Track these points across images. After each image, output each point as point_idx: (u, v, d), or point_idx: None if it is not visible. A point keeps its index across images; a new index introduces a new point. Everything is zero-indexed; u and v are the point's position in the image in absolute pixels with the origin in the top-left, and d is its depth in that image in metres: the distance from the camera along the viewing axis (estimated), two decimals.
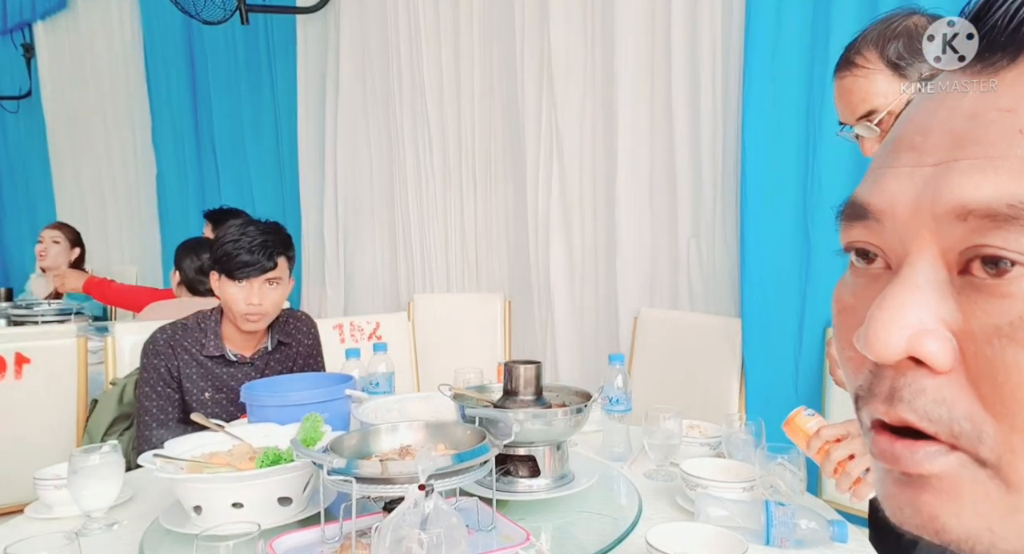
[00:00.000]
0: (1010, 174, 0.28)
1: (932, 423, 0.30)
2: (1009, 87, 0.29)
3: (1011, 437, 0.28)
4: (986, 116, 0.29)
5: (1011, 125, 0.28)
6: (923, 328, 0.30)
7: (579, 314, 2.50)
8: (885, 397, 0.31)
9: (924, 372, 0.30)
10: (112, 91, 4.44)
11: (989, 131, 0.29)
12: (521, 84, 2.50)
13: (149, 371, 1.66)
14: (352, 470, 0.91)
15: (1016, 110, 0.28)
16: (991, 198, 0.28)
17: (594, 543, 1.03)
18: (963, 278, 0.30)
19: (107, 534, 1.12)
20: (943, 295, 0.30)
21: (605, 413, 1.48)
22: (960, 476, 0.30)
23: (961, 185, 0.29)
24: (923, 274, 0.30)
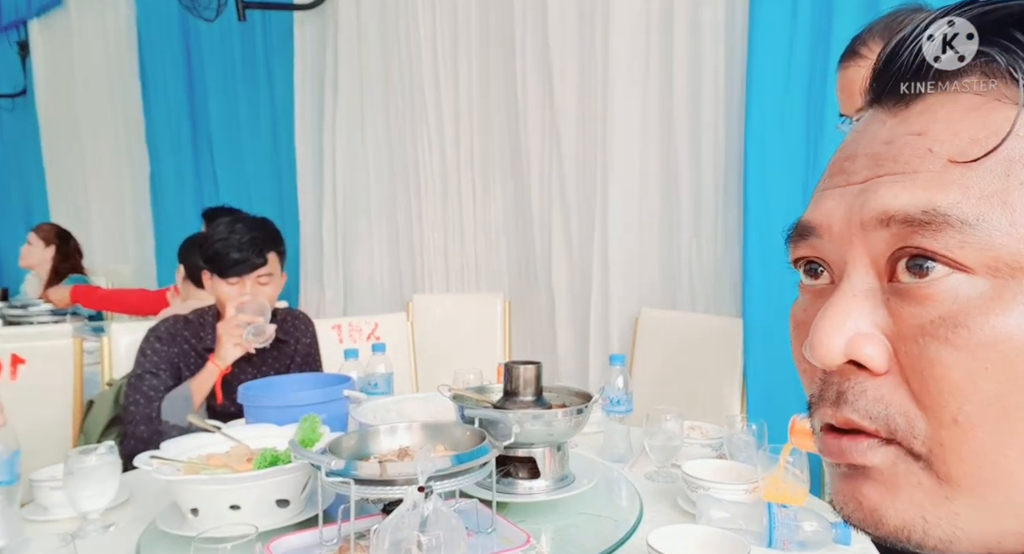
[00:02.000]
0: (924, 185, 0.32)
1: (872, 421, 0.33)
2: (918, 116, 0.34)
3: (939, 431, 0.31)
4: (900, 140, 0.34)
5: (922, 146, 0.33)
6: (860, 333, 0.33)
7: (579, 314, 2.49)
8: (833, 401, 0.34)
9: (865, 375, 0.33)
10: (106, 89, 4.43)
11: (904, 151, 0.33)
12: (521, 83, 2.49)
13: (149, 353, 1.67)
14: (351, 472, 0.90)
15: (925, 133, 0.33)
16: (908, 205, 0.32)
17: (595, 545, 1.02)
18: (891, 285, 0.33)
19: (103, 536, 1.11)
20: (876, 302, 0.34)
21: (606, 414, 1.47)
22: (896, 467, 0.33)
23: (882, 195, 0.33)
24: (858, 284, 0.34)
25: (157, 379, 1.62)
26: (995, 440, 0.30)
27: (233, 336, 1.63)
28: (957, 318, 0.31)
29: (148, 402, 1.59)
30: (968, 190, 0.31)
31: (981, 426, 0.30)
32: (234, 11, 2.94)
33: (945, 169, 0.32)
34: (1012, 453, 0.30)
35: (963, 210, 0.31)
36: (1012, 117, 0.31)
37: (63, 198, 5.02)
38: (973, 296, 0.31)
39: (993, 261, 0.30)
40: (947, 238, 0.31)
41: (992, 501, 0.31)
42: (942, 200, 0.31)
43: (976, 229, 0.30)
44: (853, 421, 0.34)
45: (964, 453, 0.31)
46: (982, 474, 0.31)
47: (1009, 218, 0.30)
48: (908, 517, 0.32)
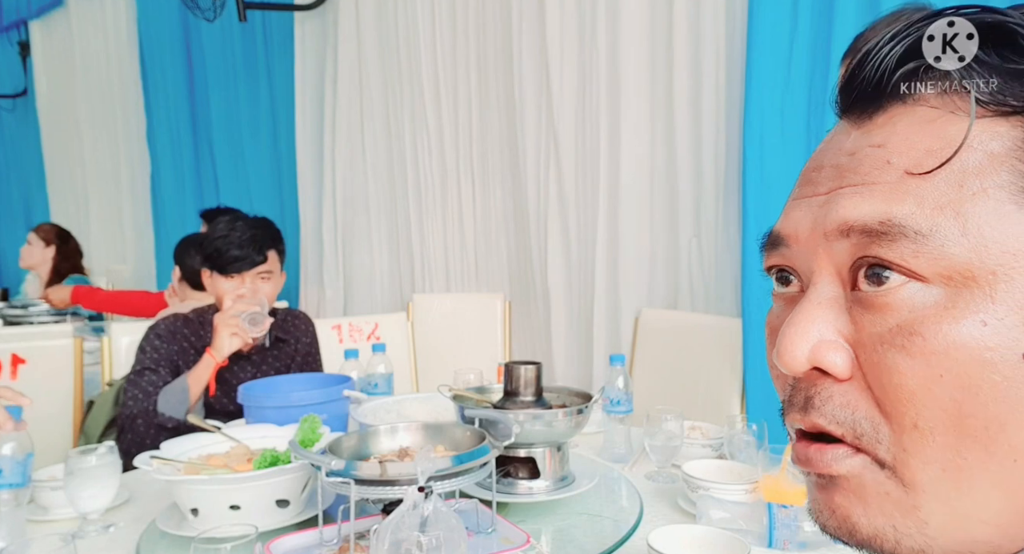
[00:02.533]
0: (882, 197, 0.33)
1: (839, 426, 0.34)
2: (880, 128, 0.35)
3: (901, 436, 0.32)
4: (862, 152, 0.35)
5: (881, 158, 0.34)
6: (824, 340, 0.34)
7: (580, 315, 2.49)
8: (801, 406, 0.36)
9: (831, 381, 0.35)
10: (107, 90, 4.43)
11: (864, 163, 0.34)
12: (519, 82, 2.49)
13: (148, 350, 1.67)
14: (351, 472, 0.90)
15: (885, 145, 0.34)
16: (866, 216, 0.33)
17: (595, 545, 1.02)
18: (854, 293, 0.34)
19: (103, 536, 1.11)
20: (840, 310, 0.35)
21: (606, 414, 1.47)
22: (863, 477, 0.33)
23: (843, 207, 0.34)
24: (823, 292, 0.35)
25: (156, 375, 1.62)
26: (954, 444, 0.31)
27: (229, 325, 1.61)
28: (912, 326, 0.32)
29: (146, 397, 1.59)
30: (923, 201, 0.32)
31: (940, 431, 0.31)
32: (234, 11, 2.94)
33: (902, 181, 0.33)
34: (971, 456, 0.31)
35: (917, 221, 0.32)
36: (966, 129, 0.32)
37: (63, 198, 5.03)
38: (928, 304, 0.32)
39: (946, 270, 0.31)
40: (902, 248, 0.32)
41: (957, 507, 0.32)
42: (898, 211, 0.32)
43: (930, 239, 0.31)
44: (820, 425, 0.35)
45: (926, 457, 0.32)
46: (945, 478, 0.31)
47: (961, 228, 0.31)
48: (879, 525, 0.33)
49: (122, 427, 1.58)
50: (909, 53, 0.34)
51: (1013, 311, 0.30)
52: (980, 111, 0.32)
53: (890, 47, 0.34)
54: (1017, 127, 0.32)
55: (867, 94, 0.36)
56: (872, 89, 0.35)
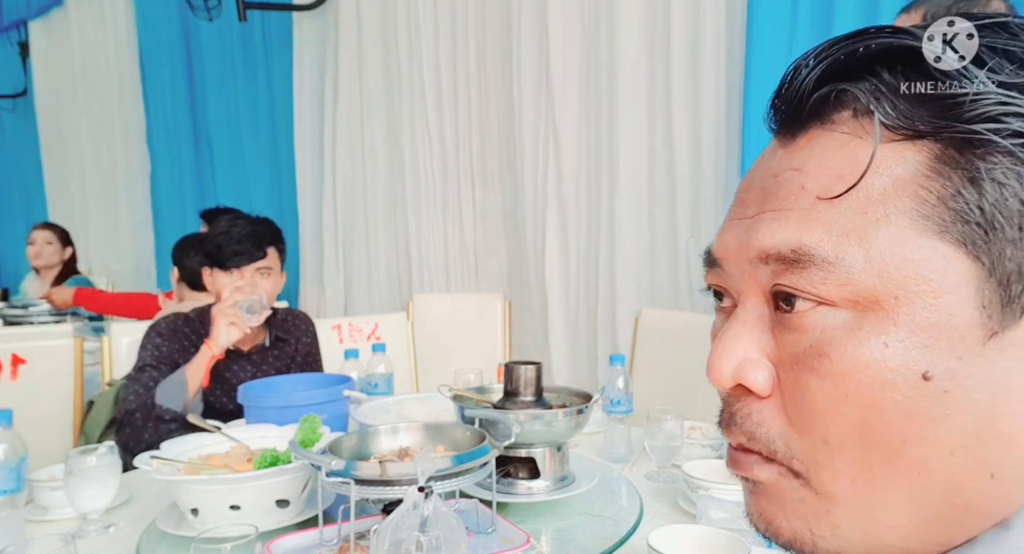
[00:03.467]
0: (794, 223, 0.34)
1: (756, 442, 0.36)
2: (800, 150, 0.35)
3: (813, 451, 0.34)
4: (783, 175, 0.35)
5: (797, 182, 0.34)
6: (748, 358, 0.36)
7: (580, 315, 2.49)
8: (726, 422, 0.37)
9: (753, 398, 0.36)
10: (106, 90, 4.43)
11: (783, 187, 0.35)
12: (519, 82, 2.49)
13: (149, 348, 1.67)
14: (351, 472, 0.90)
15: (802, 169, 0.35)
16: (780, 244, 0.34)
17: (595, 545, 1.02)
18: (776, 314, 0.35)
19: (103, 536, 1.11)
20: (764, 329, 0.36)
21: (606, 414, 1.47)
22: (780, 484, 0.35)
23: (762, 234, 0.35)
24: (750, 311, 0.36)
25: (157, 372, 1.62)
26: (862, 459, 0.32)
27: (227, 315, 1.60)
28: (821, 348, 0.33)
29: (147, 392, 1.58)
30: (831, 227, 0.33)
31: (849, 447, 0.33)
32: (234, 11, 2.94)
33: (813, 206, 0.33)
34: (878, 471, 0.32)
35: (824, 248, 0.32)
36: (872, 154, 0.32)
37: (62, 198, 5.03)
38: (836, 327, 0.33)
39: (852, 295, 0.32)
40: (811, 275, 0.33)
41: (867, 515, 0.33)
42: (807, 238, 0.33)
43: (835, 266, 0.32)
44: (740, 442, 0.37)
45: (836, 471, 0.33)
46: (854, 489, 0.33)
47: (865, 254, 0.32)
48: (797, 528, 0.35)
49: (121, 422, 1.58)
50: (826, 75, 0.34)
51: (913, 333, 0.31)
52: (889, 135, 0.33)
53: (809, 69, 0.35)
54: (923, 151, 0.32)
55: (789, 115, 0.36)
56: (793, 110, 0.36)
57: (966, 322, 0.31)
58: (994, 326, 0.31)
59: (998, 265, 0.31)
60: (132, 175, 4.33)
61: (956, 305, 0.31)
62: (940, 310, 0.31)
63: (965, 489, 0.32)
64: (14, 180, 5.59)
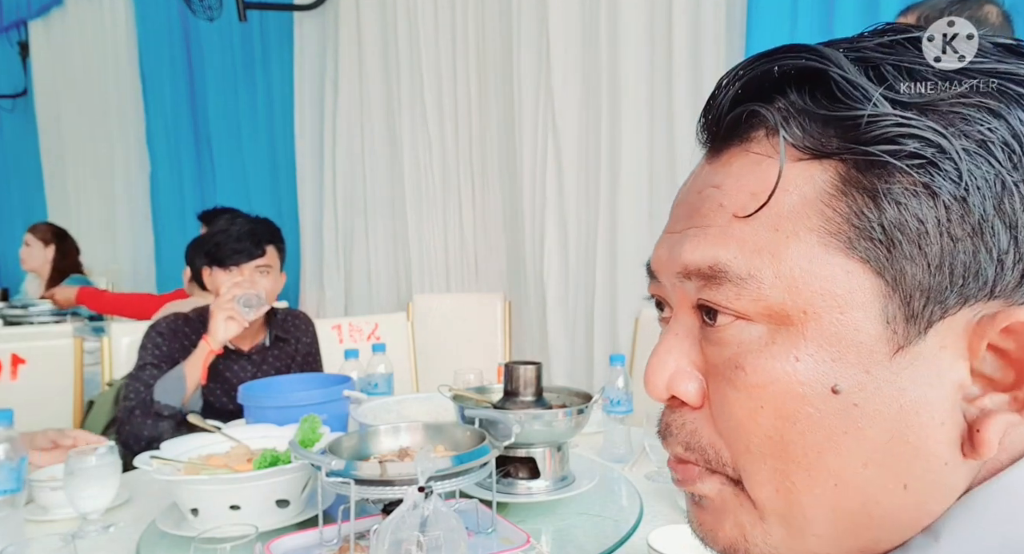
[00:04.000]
0: (712, 240, 0.35)
1: (691, 452, 0.37)
2: (722, 167, 0.36)
3: (739, 459, 0.35)
4: (705, 192, 0.36)
5: (716, 200, 0.35)
6: (679, 370, 0.37)
7: (580, 314, 2.49)
8: (663, 432, 0.39)
9: (687, 409, 0.37)
10: (106, 90, 4.43)
11: (704, 204, 0.36)
12: (519, 82, 2.49)
13: (150, 347, 1.67)
14: (351, 472, 0.90)
15: (721, 186, 0.35)
16: (700, 260, 0.35)
17: (595, 545, 1.02)
18: (702, 328, 0.36)
19: (103, 536, 1.11)
20: (694, 342, 0.37)
21: (606, 414, 1.47)
22: (722, 495, 0.36)
23: (685, 250, 0.36)
24: (681, 324, 0.37)
25: (158, 370, 1.62)
26: (782, 468, 0.33)
27: (224, 309, 1.60)
28: (738, 360, 0.34)
29: (147, 389, 1.59)
30: (744, 244, 0.34)
31: (769, 456, 0.34)
32: (234, 11, 2.94)
33: (729, 224, 0.34)
34: (797, 480, 0.33)
35: (739, 264, 0.33)
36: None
37: (62, 198, 5.03)
38: (752, 340, 0.34)
39: (765, 310, 0.33)
40: (727, 291, 0.34)
41: (791, 522, 0.34)
42: (723, 255, 0.34)
43: (747, 282, 0.33)
44: (677, 453, 0.38)
45: (760, 479, 0.34)
46: (778, 497, 0.34)
47: (775, 270, 0.33)
48: (732, 537, 0.36)
49: (121, 419, 1.58)
50: (743, 94, 0.35)
51: (822, 348, 0.32)
52: (797, 154, 0.33)
53: (728, 88, 0.35)
54: (829, 170, 0.32)
55: (712, 133, 0.37)
56: (715, 128, 0.37)
57: (872, 337, 0.32)
58: (900, 341, 0.31)
59: (900, 281, 0.31)
60: (131, 175, 4.33)
61: (862, 320, 0.32)
62: (847, 325, 0.32)
63: (880, 500, 0.33)
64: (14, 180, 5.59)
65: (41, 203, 5.16)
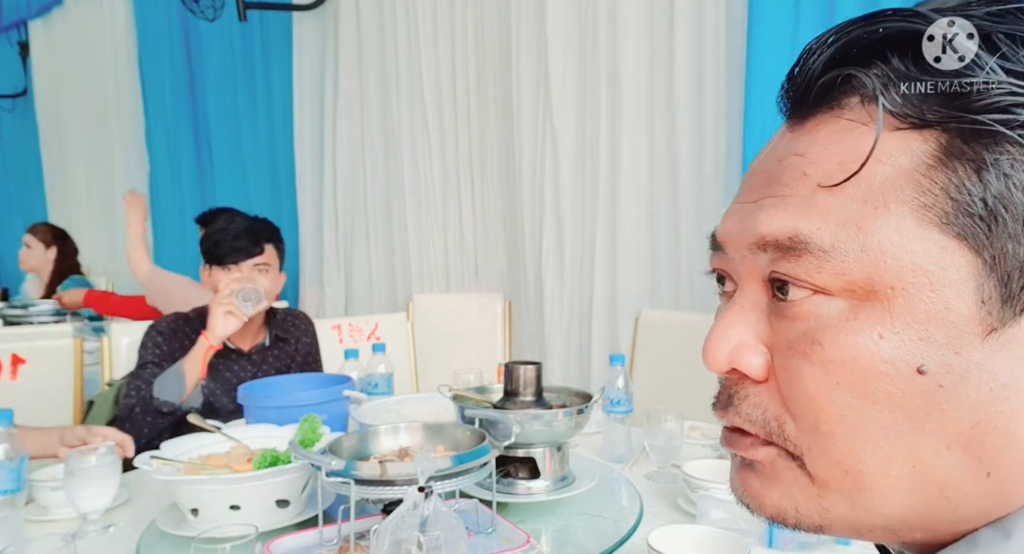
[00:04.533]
0: (794, 210, 0.33)
1: (752, 424, 0.36)
2: (807, 135, 0.35)
3: (806, 436, 0.34)
4: (787, 160, 0.35)
5: (800, 168, 0.34)
6: (742, 344, 0.36)
7: (580, 314, 2.49)
8: (723, 403, 0.38)
9: (749, 382, 0.36)
10: (105, 90, 4.43)
11: (786, 172, 0.35)
12: (518, 81, 2.49)
13: (150, 347, 1.67)
14: (351, 472, 0.90)
15: (805, 154, 0.34)
16: (778, 231, 0.34)
17: (595, 545, 1.02)
18: (772, 301, 0.35)
19: (103, 536, 1.11)
20: (761, 315, 0.36)
21: (606, 414, 1.47)
22: (776, 464, 0.36)
23: (761, 220, 0.35)
24: (748, 297, 0.37)
25: (159, 369, 1.62)
26: (855, 449, 0.32)
27: (223, 304, 1.60)
28: (815, 335, 0.33)
29: (147, 387, 1.59)
30: (829, 216, 0.32)
31: (840, 435, 0.33)
32: (234, 11, 2.94)
33: (813, 194, 0.33)
34: (869, 460, 0.32)
35: (821, 237, 0.32)
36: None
37: (62, 198, 5.02)
38: (832, 315, 0.32)
39: (849, 284, 0.32)
40: (807, 264, 0.33)
41: (859, 503, 0.33)
42: (805, 226, 0.33)
43: (831, 255, 0.32)
44: (736, 424, 0.37)
45: (828, 458, 0.33)
46: (846, 478, 0.33)
47: (862, 243, 0.31)
48: (782, 506, 0.35)
49: (120, 418, 1.58)
50: (836, 59, 0.34)
51: (910, 326, 0.31)
52: (895, 123, 0.32)
53: (819, 53, 0.34)
54: (929, 141, 0.31)
55: (798, 99, 0.36)
56: (801, 94, 0.35)
57: (964, 317, 0.30)
58: (993, 322, 0.30)
59: (1000, 260, 0.30)
60: (131, 175, 4.32)
61: (954, 299, 0.30)
62: (937, 303, 0.30)
63: (960, 485, 0.31)
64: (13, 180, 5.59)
65: (41, 203, 5.16)
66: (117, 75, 4.30)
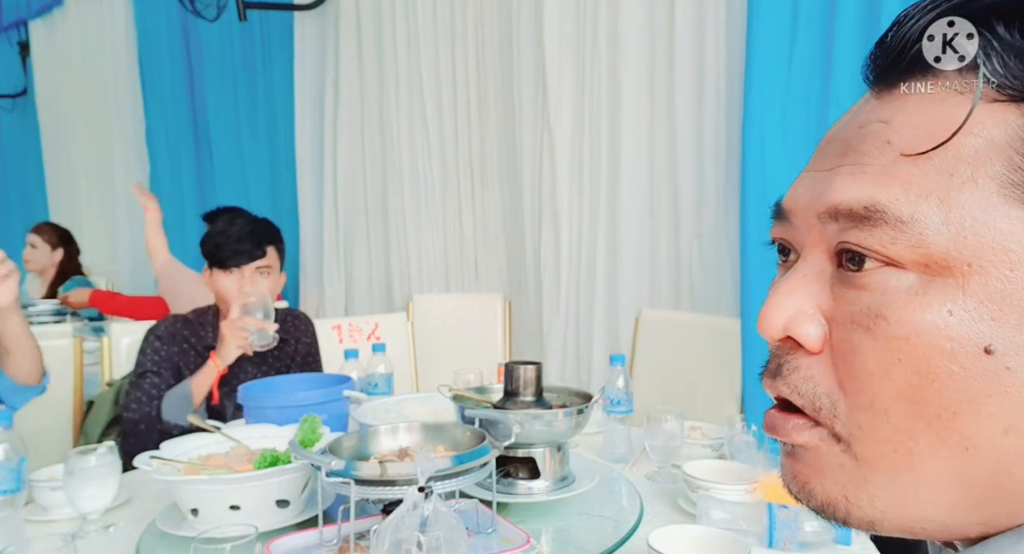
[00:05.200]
0: (873, 179, 0.32)
1: (800, 397, 0.35)
2: (893, 102, 0.34)
3: (857, 414, 0.33)
4: (869, 127, 0.34)
5: (883, 136, 0.33)
6: (800, 312, 0.35)
7: (580, 315, 2.49)
8: (772, 372, 0.36)
9: (802, 352, 0.35)
10: (105, 90, 4.42)
11: (867, 140, 0.33)
12: (518, 81, 2.50)
13: (149, 353, 1.67)
14: (351, 472, 0.90)
15: (890, 122, 0.33)
16: (853, 201, 0.33)
17: (595, 546, 1.02)
18: (838, 271, 0.34)
19: (103, 536, 1.11)
20: (823, 285, 0.35)
21: (606, 414, 1.47)
22: (820, 449, 0.34)
23: (835, 189, 0.33)
24: (811, 266, 0.35)
25: (159, 377, 1.62)
26: (907, 427, 0.31)
27: (238, 338, 1.62)
28: (880, 309, 0.32)
29: (149, 401, 1.59)
30: (909, 186, 0.31)
31: (894, 413, 0.32)
32: (234, 11, 2.94)
33: (895, 163, 0.32)
34: (923, 440, 0.31)
35: (899, 208, 0.31)
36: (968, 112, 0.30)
37: (62, 198, 5.02)
38: (900, 289, 0.31)
39: (923, 258, 0.31)
40: (881, 234, 0.31)
41: (907, 485, 0.32)
42: (883, 196, 0.32)
43: (908, 227, 0.31)
44: (784, 394, 0.36)
45: (879, 436, 0.32)
46: (896, 458, 0.32)
47: (944, 217, 0.30)
48: (833, 495, 0.34)
49: (125, 431, 1.58)
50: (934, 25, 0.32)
51: (983, 304, 0.30)
52: (992, 95, 0.31)
53: (918, 18, 0.33)
54: None
55: (888, 64, 0.34)
56: (893, 59, 0.34)
57: None
58: None
59: None
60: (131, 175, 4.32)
61: None
62: (1015, 283, 0.30)
63: (1015, 471, 0.30)
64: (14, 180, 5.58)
65: (42, 203, 5.16)
66: (117, 75, 4.30)
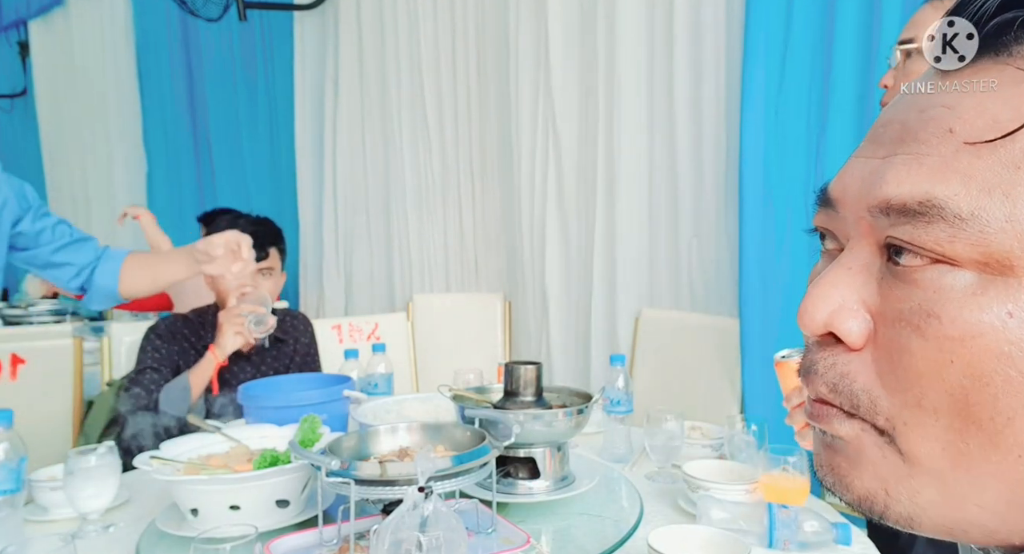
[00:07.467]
0: (930, 171, 0.30)
1: (837, 395, 0.33)
2: (960, 82, 0.31)
3: (903, 411, 0.31)
4: (931, 111, 0.31)
5: (945, 124, 0.30)
6: (844, 306, 0.33)
7: (579, 315, 2.49)
8: (807, 369, 0.35)
9: (841, 348, 0.33)
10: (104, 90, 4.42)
11: (927, 126, 0.31)
12: (517, 82, 2.50)
13: (149, 350, 1.67)
14: (351, 472, 0.90)
15: (954, 107, 0.30)
16: (907, 195, 0.30)
17: (595, 546, 1.02)
18: (887, 264, 0.32)
19: (103, 536, 1.11)
20: (869, 278, 0.33)
21: (606, 414, 1.47)
22: (861, 440, 0.33)
23: (889, 181, 0.31)
24: (856, 258, 0.33)
25: (158, 374, 1.63)
26: (958, 427, 0.30)
27: (235, 324, 1.62)
28: (933, 308, 0.30)
29: (148, 395, 1.59)
30: (970, 180, 0.29)
31: (944, 413, 0.30)
32: (234, 11, 2.94)
33: (956, 154, 0.30)
34: (973, 443, 0.30)
35: (958, 203, 0.29)
36: None
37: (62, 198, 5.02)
38: (956, 288, 0.30)
39: (983, 257, 0.29)
40: (938, 231, 0.29)
41: (952, 485, 0.31)
42: (941, 191, 0.29)
43: (968, 223, 0.29)
44: (820, 393, 0.34)
45: (926, 434, 0.31)
46: (944, 457, 0.30)
47: (1008, 213, 0.28)
48: (871, 488, 0.33)
49: (123, 425, 1.58)
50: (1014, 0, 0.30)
51: None
52: None
53: None
54: None
55: (957, 41, 0.31)
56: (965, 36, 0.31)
57: None
58: None
59: None
60: (129, 175, 4.32)
61: None
62: None
63: None
64: None
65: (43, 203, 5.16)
66: (118, 74, 4.30)
